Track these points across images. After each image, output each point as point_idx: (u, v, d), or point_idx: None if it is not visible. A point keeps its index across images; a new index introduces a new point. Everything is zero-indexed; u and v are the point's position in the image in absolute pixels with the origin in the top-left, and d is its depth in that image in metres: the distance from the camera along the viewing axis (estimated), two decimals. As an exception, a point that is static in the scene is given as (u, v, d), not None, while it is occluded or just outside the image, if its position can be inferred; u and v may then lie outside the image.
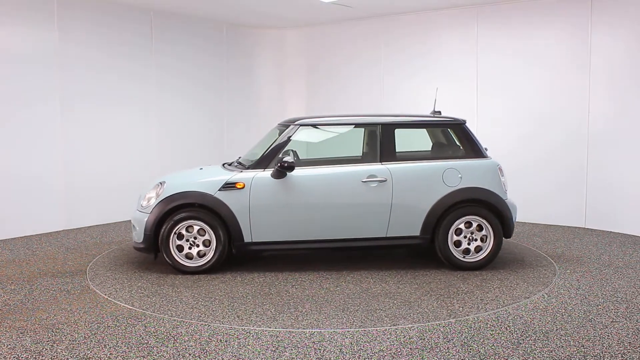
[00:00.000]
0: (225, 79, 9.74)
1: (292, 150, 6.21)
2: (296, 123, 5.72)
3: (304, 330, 4.03)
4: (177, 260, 5.44)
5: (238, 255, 5.64)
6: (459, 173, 5.53)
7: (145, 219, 5.45)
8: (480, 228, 5.54)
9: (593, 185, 7.53)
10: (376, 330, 4.04)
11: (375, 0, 8.07)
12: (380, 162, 5.58)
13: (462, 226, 5.51)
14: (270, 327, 4.09)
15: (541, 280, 5.23)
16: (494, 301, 4.64)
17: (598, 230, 7.46)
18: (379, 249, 5.98)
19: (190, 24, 9.13)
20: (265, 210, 5.43)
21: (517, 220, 7.01)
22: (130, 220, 6.74)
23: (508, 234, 5.64)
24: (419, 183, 5.53)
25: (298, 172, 5.50)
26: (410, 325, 4.11)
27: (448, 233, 5.50)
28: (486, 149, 5.91)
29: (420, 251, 6.19)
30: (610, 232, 7.33)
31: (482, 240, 5.55)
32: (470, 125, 6.37)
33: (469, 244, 5.55)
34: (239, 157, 6.21)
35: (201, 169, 6.05)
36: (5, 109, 7.00)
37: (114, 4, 8.01)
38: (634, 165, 7.11)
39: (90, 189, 7.88)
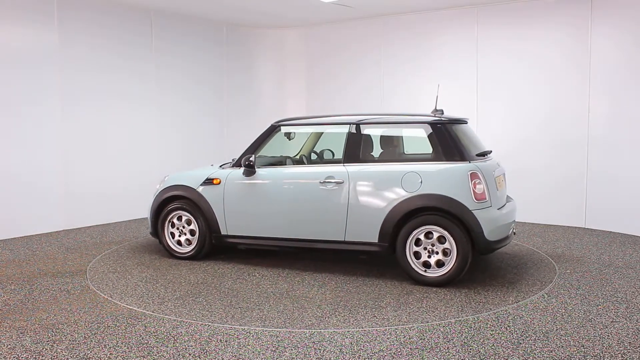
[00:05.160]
0: (226, 78, 9.74)
1: (329, 150, 6.46)
2: (276, 123, 5.87)
3: (304, 330, 4.03)
4: (169, 246, 6.10)
5: (217, 246, 5.95)
6: (419, 177, 5.04)
7: (150, 207, 6.19)
8: (443, 240, 4.98)
9: (593, 185, 7.53)
10: (376, 330, 4.04)
11: (375, 0, 8.07)
12: (343, 163, 5.40)
13: (421, 236, 5.01)
14: (270, 327, 4.09)
15: (541, 280, 5.22)
16: (494, 301, 4.65)
17: (598, 230, 7.46)
18: (338, 253, 5.65)
19: (191, 24, 9.13)
20: (236, 205, 5.75)
21: (517, 221, 7.00)
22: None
23: (480, 250, 4.97)
24: (376, 186, 5.16)
25: (263, 170, 5.70)
26: (410, 325, 4.11)
27: (406, 243, 5.04)
28: (490, 152, 5.66)
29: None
30: (610, 232, 7.33)
31: (444, 254, 4.97)
32: (471, 126, 6.32)
33: (429, 256, 5.02)
34: None
35: (212, 165, 6.48)
36: (5, 109, 6.99)
37: (114, 4, 8.01)
38: (633, 165, 7.11)
39: (90, 188, 7.88)
